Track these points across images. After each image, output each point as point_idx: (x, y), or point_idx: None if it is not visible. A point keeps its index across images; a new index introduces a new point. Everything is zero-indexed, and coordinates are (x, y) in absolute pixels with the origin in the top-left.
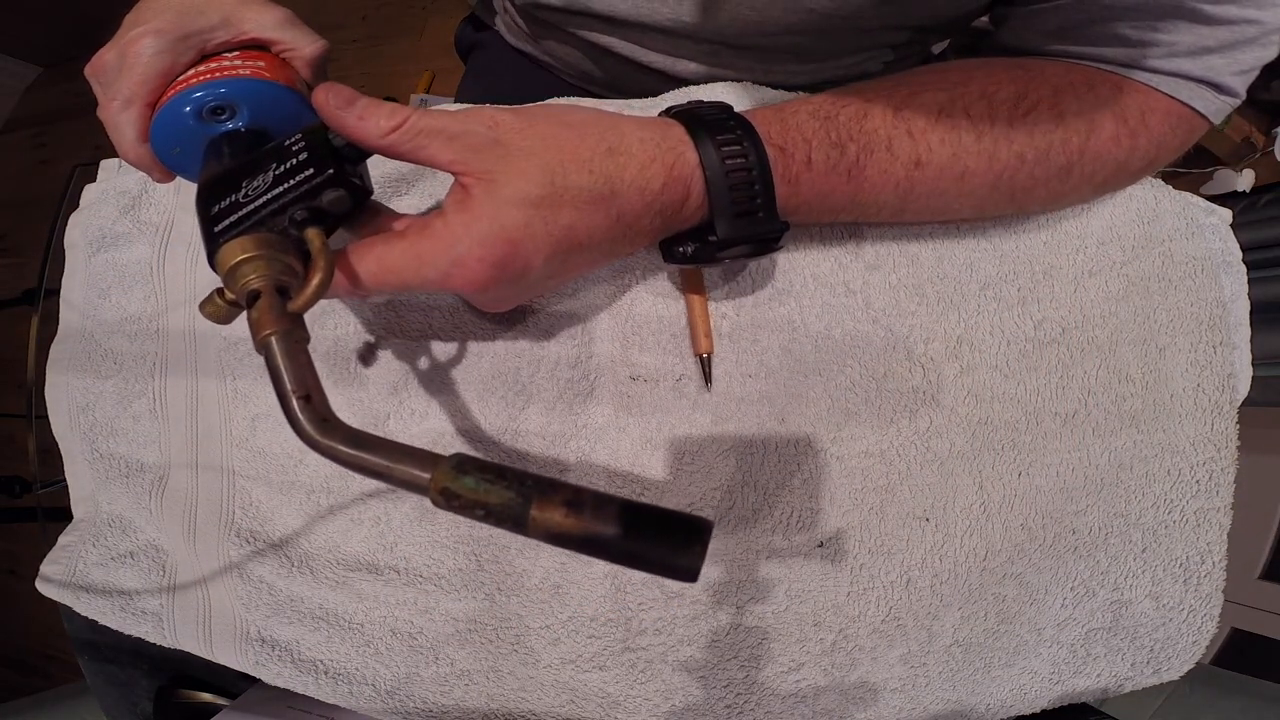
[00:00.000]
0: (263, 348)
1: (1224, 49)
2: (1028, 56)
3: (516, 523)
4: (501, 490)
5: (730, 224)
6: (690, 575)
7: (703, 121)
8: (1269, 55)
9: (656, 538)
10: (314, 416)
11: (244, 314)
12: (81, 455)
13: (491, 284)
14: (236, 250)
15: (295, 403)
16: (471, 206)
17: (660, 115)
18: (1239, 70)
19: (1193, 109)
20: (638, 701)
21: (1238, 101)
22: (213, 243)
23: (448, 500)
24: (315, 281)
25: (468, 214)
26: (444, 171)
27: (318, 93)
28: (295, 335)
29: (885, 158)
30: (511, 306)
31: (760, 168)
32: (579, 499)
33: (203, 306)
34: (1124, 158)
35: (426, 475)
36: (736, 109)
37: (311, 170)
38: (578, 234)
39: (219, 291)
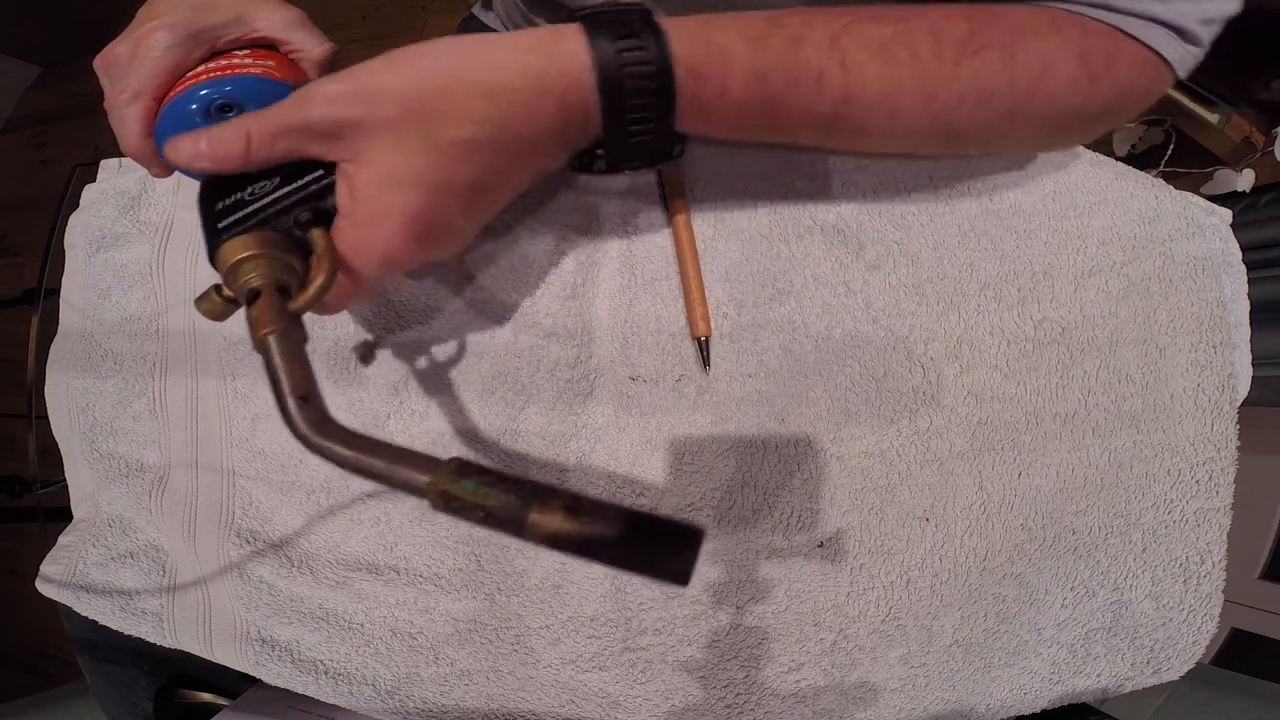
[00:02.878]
0: (261, 346)
1: None
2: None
3: (515, 526)
4: (500, 494)
5: (624, 147)
6: (682, 580)
7: (610, 32)
8: (1232, 8)
9: (651, 544)
10: (312, 417)
11: (240, 311)
12: (81, 455)
13: (428, 254)
14: (239, 248)
15: (292, 403)
16: (366, 200)
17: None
18: (1205, 19)
19: (1160, 55)
20: (638, 701)
21: (1201, 53)
22: (215, 239)
23: (447, 503)
24: (319, 282)
25: (367, 209)
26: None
27: (170, 157)
28: (294, 334)
29: (811, 91)
30: (465, 245)
31: (664, 93)
32: (577, 504)
33: (199, 302)
34: (1080, 102)
35: (425, 478)
36: None
37: (320, 171)
38: (481, 180)
39: (216, 288)
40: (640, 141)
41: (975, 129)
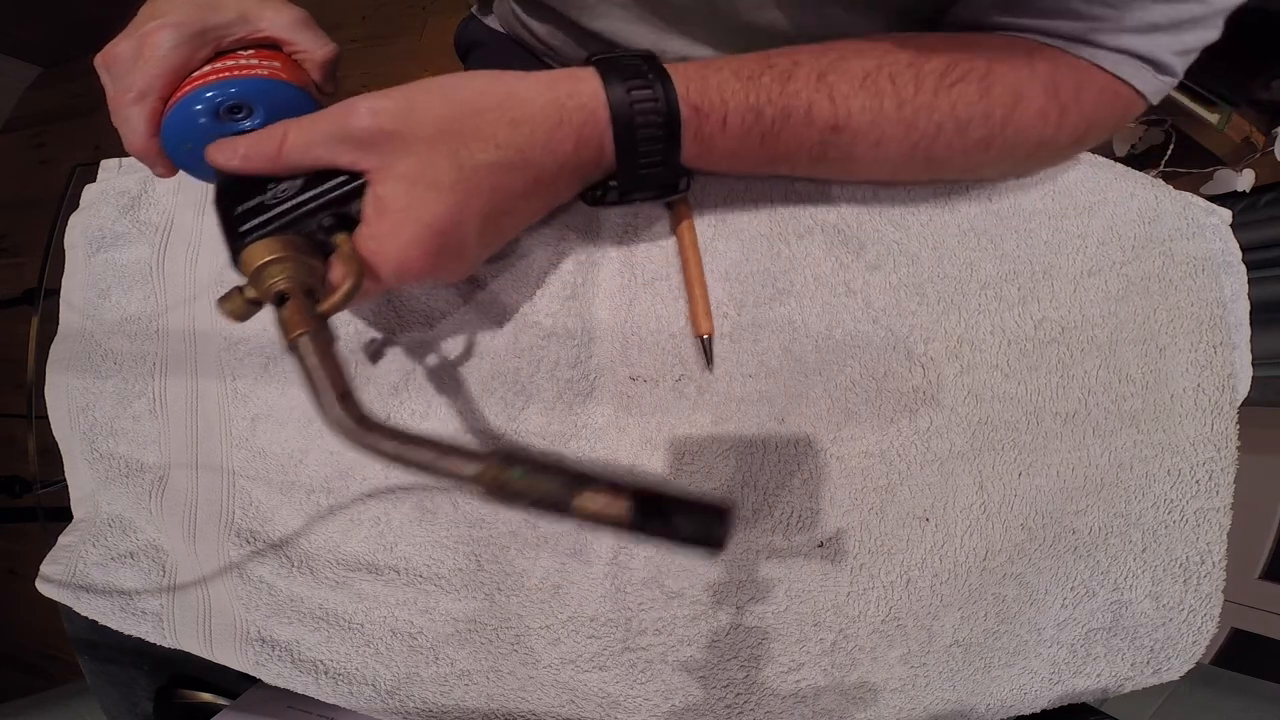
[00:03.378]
0: (293, 348)
1: (1171, 27)
2: (976, 31)
3: (562, 509)
4: (547, 481)
5: (635, 179)
6: (718, 548)
7: (621, 75)
8: (1211, 37)
9: (689, 519)
10: (354, 414)
11: (258, 313)
12: (81, 455)
13: (438, 270)
14: (264, 251)
15: (334, 402)
16: (391, 211)
17: (584, 61)
18: (1181, 50)
19: (1132, 88)
20: (638, 701)
21: (1175, 82)
22: (239, 241)
23: (497, 491)
24: (347, 286)
25: (390, 220)
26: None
27: (210, 158)
28: (324, 335)
29: (802, 122)
30: (470, 270)
31: (670, 127)
32: (618, 487)
33: (222, 302)
34: (1051, 134)
35: (474, 469)
36: None
37: (345, 177)
38: (499, 204)
39: (239, 290)
40: (649, 174)
41: (953, 157)
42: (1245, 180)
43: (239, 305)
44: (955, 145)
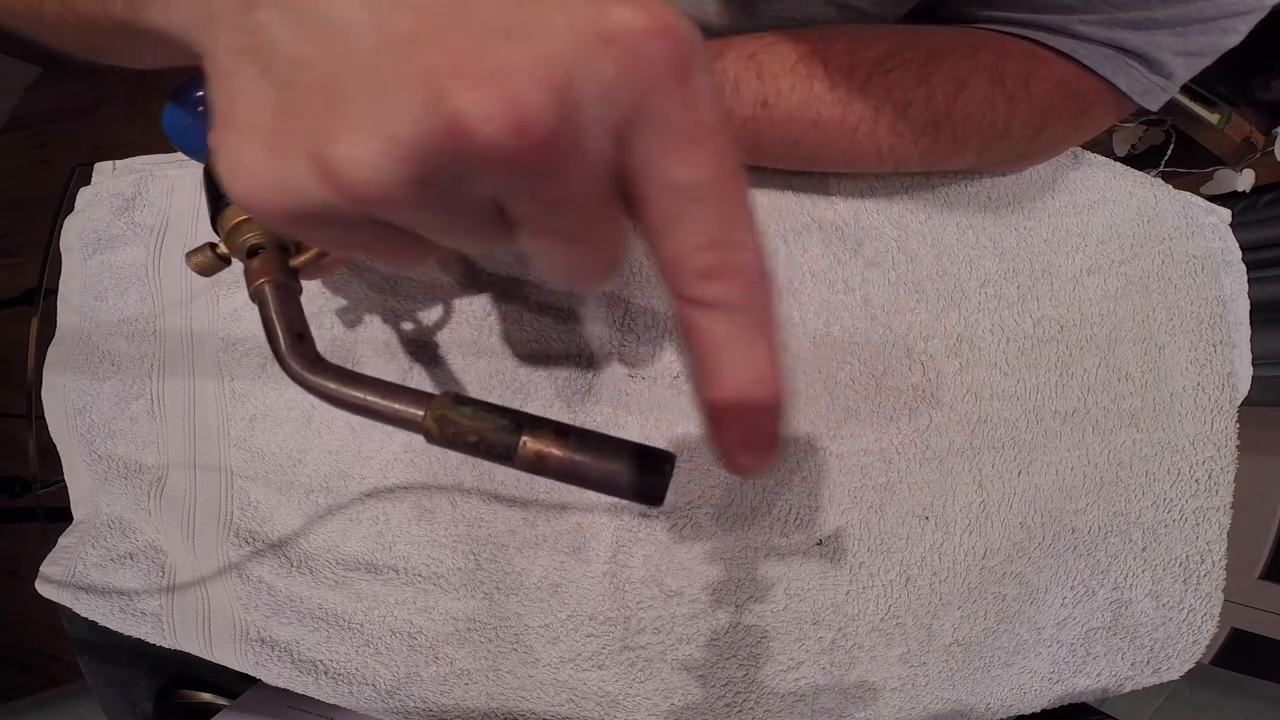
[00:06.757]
0: (258, 295)
1: (1173, 25)
2: (961, 25)
3: (506, 450)
4: (496, 419)
5: None
6: (656, 500)
7: None
8: (1227, 43)
9: (628, 466)
10: (305, 354)
11: (224, 269)
12: (80, 457)
13: None
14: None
15: (286, 341)
16: None
17: None
18: (1185, 51)
19: (1108, 83)
20: (637, 700)
21: (1169, 85)
22: (222, 200)
23: (443, 429)
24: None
25: None
26: None
27: None
28: (291, 285)
29: (729, 95)
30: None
31: None
32: (565, 430)
33: (190, 255)
34: (1002, 123)
35: (420, 411)
36: None
37: None
38: None
39: (210, 245)
40: None
41: (901, 144)
42: (1245, 180)
43: (206, 258)
44: (900, 130)
